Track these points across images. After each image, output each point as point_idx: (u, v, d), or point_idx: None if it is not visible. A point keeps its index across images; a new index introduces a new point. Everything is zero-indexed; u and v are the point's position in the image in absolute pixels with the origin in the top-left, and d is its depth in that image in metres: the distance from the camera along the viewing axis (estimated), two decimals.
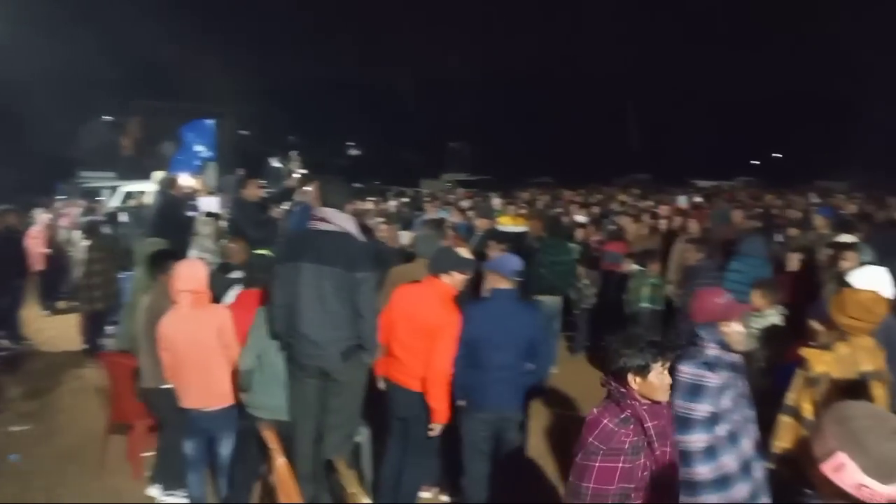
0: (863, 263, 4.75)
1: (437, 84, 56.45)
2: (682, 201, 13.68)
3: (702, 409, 3.25)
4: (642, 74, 54.08)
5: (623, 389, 2.70)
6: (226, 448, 4.59)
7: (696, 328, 3.48)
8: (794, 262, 6.64)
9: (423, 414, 4.35)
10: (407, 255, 6.51)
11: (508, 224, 8.98)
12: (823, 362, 3.47)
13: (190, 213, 8.21)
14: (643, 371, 2.68)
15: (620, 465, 2.62)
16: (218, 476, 4.70)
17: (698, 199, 15.35)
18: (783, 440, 3.44)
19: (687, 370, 3.30)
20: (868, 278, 4.18)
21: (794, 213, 11.59)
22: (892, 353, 4.17)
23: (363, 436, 4.84)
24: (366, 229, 7.17)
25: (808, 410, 3.38)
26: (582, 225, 10.83)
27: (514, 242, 6.93)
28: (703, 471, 3.22)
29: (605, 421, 2.69)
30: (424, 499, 4.87)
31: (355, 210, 13.41)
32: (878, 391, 3.46)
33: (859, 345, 3.54)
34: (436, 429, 4.33)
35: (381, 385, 4.56)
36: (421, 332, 4.30)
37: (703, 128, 50.84)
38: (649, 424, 2.67)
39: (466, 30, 60.33)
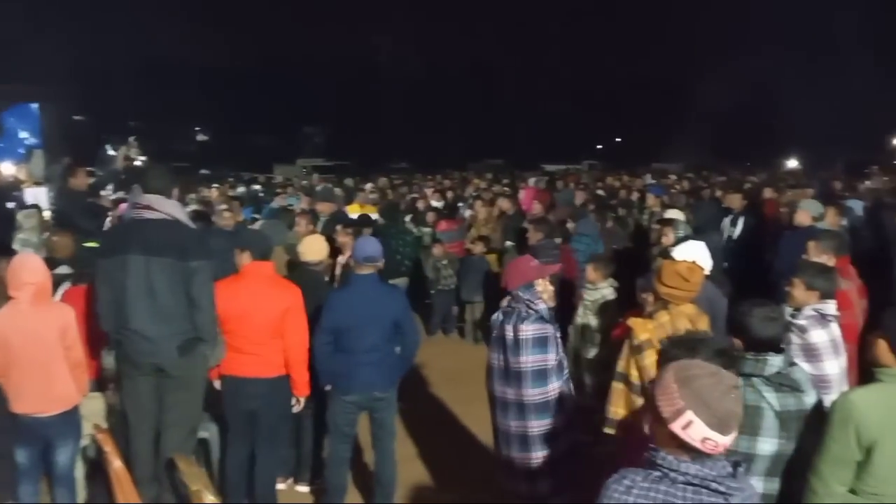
0: (683, 238, 5.17)
1: (294, 67, 54.94)
2: (531, 183, 14.29)
3: (553, 357, 3.57)
4: (498, 63, 55.62)
5: None
6: (64, 455, 4.25)
7: (517, 292, 3.70)
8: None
9: (277, 400, 4.32)
10: None
11: (356, 211, 8.95)
12: (646, 330, 3.73)
13: (10, 206, 7.48)
14: None
15: None
16: (55, 486, 4.36)
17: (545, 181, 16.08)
18: (617, 405, 3.69)
19: (529, 327, 3.55)
20: (687, 251, 4.58)
21: (632, 193, 12.42)
22: (716, 321, 4.63)
23: (211, 432, 4.68)
24: (203, 216, 6.89)
25: (635, 376, 3.64)
26: (436, 209, 11.05)
27: (361, 227, 6.91)
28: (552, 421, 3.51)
29: None
30: (280, 490, 4.81)
31: (200, 197, 12.87)
32: None
33: (681, 312, 3.85)
34: (301, 402, 4.37)
35: (217, 385, 4.40)
36: (266, 319, 4.23)
37: (553, 114, 53.22)
38: None
39: (323, 13, 58.98)
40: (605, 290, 5.26)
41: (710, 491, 1.75)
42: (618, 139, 55.99)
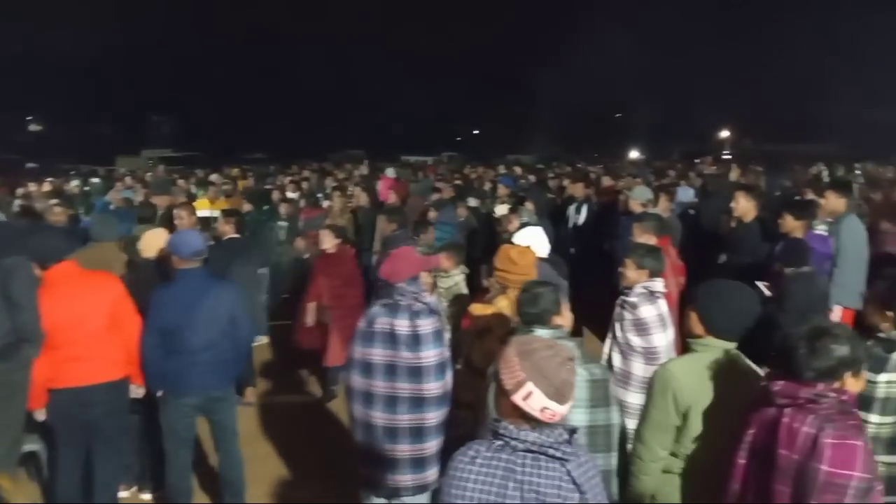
0: (524, 224, 5.39)
1: (139, 52, 51.35)
2: (390, 173, 14.29)
3: (447, 350, 3.54)
4: (357, 53, 55.12)
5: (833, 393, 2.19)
6: None
7: (402, 285, 3.54)
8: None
9: (117, 405, 4.11)
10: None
11: (205, 207, 8.56)
12: (486, 315, 3.89)
13: None
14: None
15: None
16: None
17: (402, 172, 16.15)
18: (465, 388, 3.77)
19: (427, 322, 3.45)
20: (525, 236, 4.77)
21: (484, 184, 12.76)
22: None
23: (38, 444, 4.30)
24: (30, 212, 6.33)
25: (477, 360, 3.74)
26: (292, 201, 10.79)
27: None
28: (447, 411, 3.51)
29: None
30: (123, 499, 4.53)
31: (25, 192, 11.77)
32: None
33: (515, 297, 4.00)
34: (141, 390, 4.19)
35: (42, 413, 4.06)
36: (96, 318, 3.96)
37: (413, 106, 53.56)
38: None
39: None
40: (457, 277, 5.38)
41: (548, 457, 1.84)
42: (476, 131, 57.36)
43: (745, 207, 5.73)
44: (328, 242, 6.19)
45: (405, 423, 3.46)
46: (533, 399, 1.83)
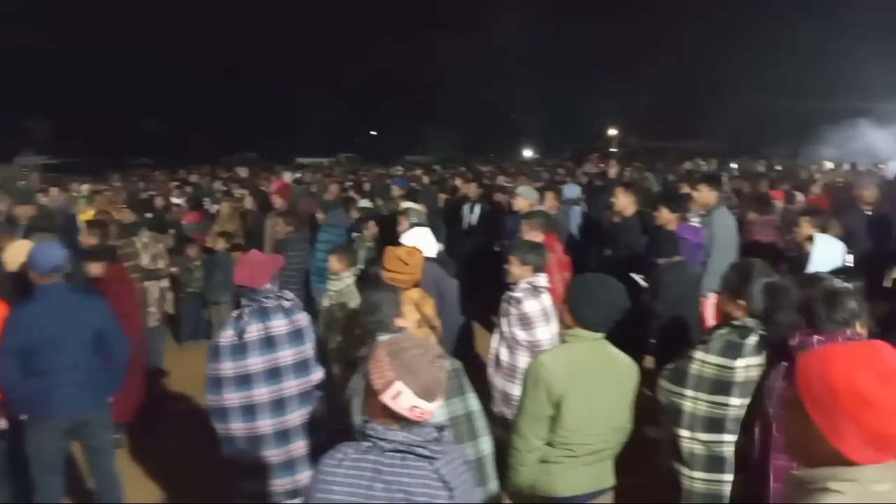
0: (413, 225, 5.41)
1: (12, 55, 47.72)
2: (286, 177, 14.04)
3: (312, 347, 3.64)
4: (251, 54, 53.54)
5: None
6: None
7: (265, 288, 3.54)
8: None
9: None
10: None
11: (88, 216, 8.06)
12: None
13: None
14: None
15: None
16: None
17: (298, 175, 15.90)
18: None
19: (302, 315, 3.58)
20: (413, 237, 4.81)
21: (379, 183, 12.74)
22: (445, 299, 4.89)
23: None
24: None
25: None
26: (178, 206, 10.39)
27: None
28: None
29: None
30: None
31: None
32: (427, 335, 3.99)
33: (408, 297, 4.01)
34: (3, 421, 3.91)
35: None
36: None
37: (309, 107, 52.68)
38: None
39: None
40: (347, 280, 5.31)
41: (416, 455, 1.84)
42: (373, 132, 57.10)
43: (624, 203, 5.99)
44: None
45: (297, 421, 3.49)
46: (402, 398, 1.83)
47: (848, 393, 1.34)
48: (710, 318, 5.06)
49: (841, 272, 4.45)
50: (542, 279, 4.26)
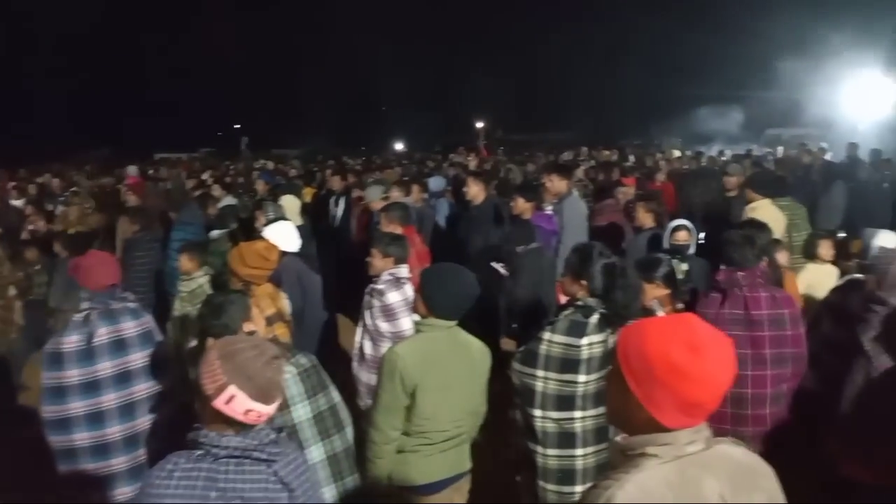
0: (274, 219, 5.26)
1: None
2: (131, 171, 13.23)
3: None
4: (101, 44, 49.96)
5: None
6: None
7: (112, 289, 3.44)
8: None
9: None
10: None
11: None
12: None
13: None
14: None
15: None
16: None
17: (150, 171, 15.07)
18: None
19: (148, 318, 3.53)
20: (274, 231, 4.68)
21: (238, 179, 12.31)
22: (308, 294, 4.79)
23: None
24: None
25: None
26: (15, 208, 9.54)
27: None
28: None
29: None
30: None
31: None
32: (280, 330, 3.88)
33: (263, 293, 3.91)
34: None
35: None
36: None
37: (166, 101, 50.06)
38: None
39: None
40: (200, 280, 5.08)
41: (253, 460, 1.78)
42: (237, 126, 54.99)
43: (475, 191, 6.12)
44: None
45: (147, 426, 3.40)
46: (236, 402, 1.77)
47: (662, 364, 1.42)
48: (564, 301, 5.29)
49: (677, 252, 4.83)
50: (404, 270, 4.27)
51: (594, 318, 2.97)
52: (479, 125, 37.38)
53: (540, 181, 6.86)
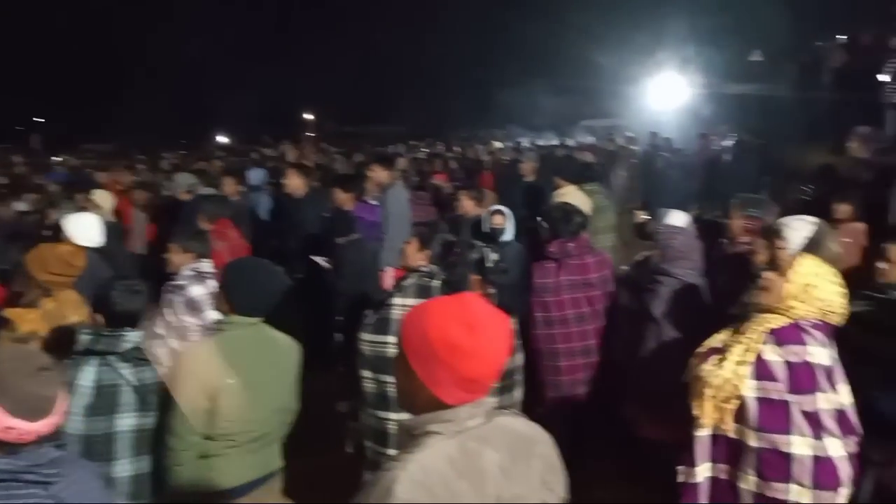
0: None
1: None
2: None
3: None
4: None
5: None
6: None
7: None
8: None
9: None
10: None
11: None
12: (29, 321, 3.39)
13: None
14: None
15: None
16: None
17: None
18: None
19: None
20: (76, 224, 4.31)
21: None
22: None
23: None
24: None
25: None
26: None
27: None
28: None
29: None
30: None
31: None
32: None
33: (65, 299, 3.57)
34: None
35: None
36: None
37: None
38: None
39: None
40: None
41: (24, 482, 1.59)
42: (40, 119, 49.81)
43: (295, 184, 5.99)
44: None
45: None
46: None
47: (441, 342, 1.43)
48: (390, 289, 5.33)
49: (496, 234, 5.06)
50: (206, 265, 4.10)
51: (436, 283, 3.11)
52: (308, 117, 36.73)
53: (362, 172, 6.85)
